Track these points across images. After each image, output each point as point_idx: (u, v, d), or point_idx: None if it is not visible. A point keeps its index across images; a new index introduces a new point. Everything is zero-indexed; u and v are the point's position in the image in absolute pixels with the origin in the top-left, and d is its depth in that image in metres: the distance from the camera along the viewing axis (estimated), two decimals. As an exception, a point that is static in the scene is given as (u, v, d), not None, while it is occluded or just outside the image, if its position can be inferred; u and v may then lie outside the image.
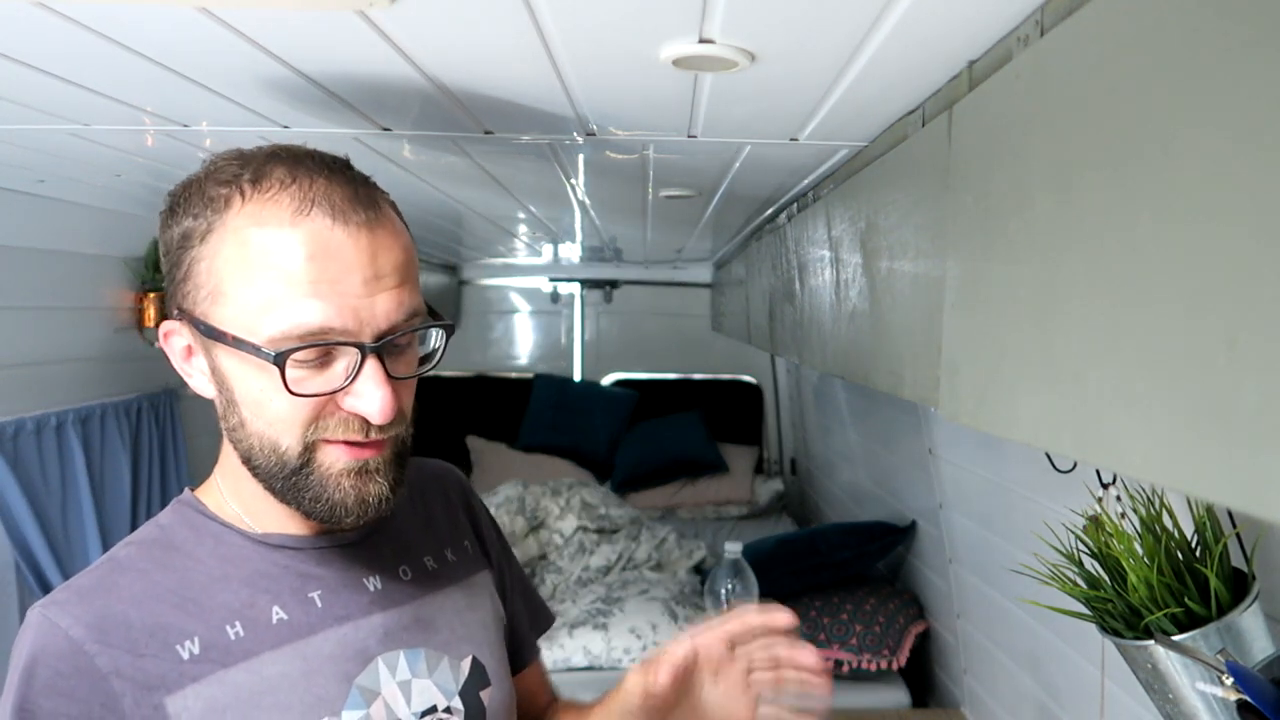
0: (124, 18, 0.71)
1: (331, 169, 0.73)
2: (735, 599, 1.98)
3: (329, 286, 0.69)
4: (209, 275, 0.72)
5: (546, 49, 0.76)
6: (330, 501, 0.74)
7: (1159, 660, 0.87)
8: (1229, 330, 0.40)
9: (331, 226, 0.70)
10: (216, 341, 0.72)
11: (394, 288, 0.73)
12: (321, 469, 0.74)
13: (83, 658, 0.71)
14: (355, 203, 0.72)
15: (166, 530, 0.80)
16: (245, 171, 0.72)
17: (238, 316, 0.71)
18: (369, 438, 0.74)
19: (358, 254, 0.70)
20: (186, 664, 0.73)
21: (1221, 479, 0.41)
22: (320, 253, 0.69)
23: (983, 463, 1.81)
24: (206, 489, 0.83)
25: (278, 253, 0.69)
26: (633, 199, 1.73)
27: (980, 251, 0.71)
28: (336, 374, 0.72)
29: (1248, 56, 0.40)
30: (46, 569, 1.91)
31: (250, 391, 0.73)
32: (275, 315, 0.69)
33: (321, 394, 0.71)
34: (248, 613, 0.77)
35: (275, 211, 0.70)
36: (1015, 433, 0.64)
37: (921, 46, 0.74)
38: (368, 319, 0.71)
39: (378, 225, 0.73)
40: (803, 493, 4.26)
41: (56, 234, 1.91)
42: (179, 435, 2.44)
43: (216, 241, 0.71)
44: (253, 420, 0.74)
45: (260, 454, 0.74)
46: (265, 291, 0.69)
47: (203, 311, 0.73)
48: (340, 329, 0.70)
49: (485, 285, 4.46)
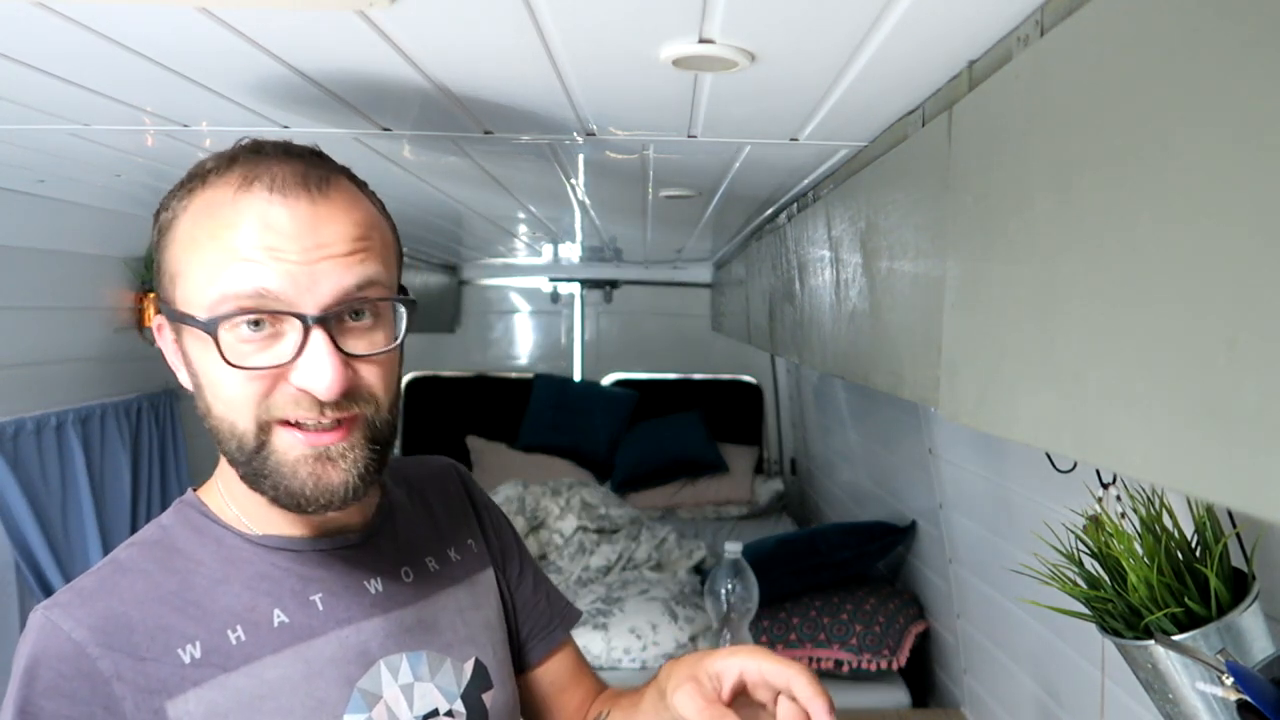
0: (124, 18, 0.71)
1: (289, 153, 0.74)
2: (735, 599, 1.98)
3: (265, 253, 0.69)
4: (171, 260, 0.74)
5: (546, 49, 0.76)
6: (289, 489, 0.72)
7: (1159, 660, 0.87)
8: (1229, 330, 0.40)
9: (270, 199, 0.70)
10: (179, 324, 0.73)
11: (340, 256, 0.71)
12: (277, 454, 0.72)
13: (85, 660, 0.70)
14: (300, 178, 0.71)
15: (169, 531, 0.80)
16: (214, 162, 0.74)
17: (188, 294, 0.72)
18: (324, 417, 0.71)
19: (295, 223, 0.70)
20: (188, 668, 0.73)
21: (1221, 479, 0.41)
22: (258, 223, 0.69)
23: (983, 463, 1.81)
24: (208, 490, 0.83)
25: (219, 226, 0.70)
26: (633, 199, 1.73)
27: (980, 251, 0.71)
28: (284, 349, 0.70)
29: (1248, 56, 0.39)
30: (46, 569, 1.91)
31: (206, 371, 0.72)
32: (214, 285, 0.69)
33: (263, 367, 0.70)
34: (249, 616, 0.77)
35: (222, 190, 0.71)
36: (1015, 433, 0.64)
37: (921, 46, 0.74)
38: (309, 288, 0.69)
39: (322, 198, 0.71)
40: (803, 493, 4.26)
41: (56, 234, 1.91)
42: (179, 435, 2.44)
43: (176, 227, 0.73)
44: (213, 403, 0.73)
45: (224, 439, 0.73)
46: (207, 264, 0.70)
47: (168, 297, 0.74)
48: (277, 294, 0.68)
49: (485, 285, 4.45)
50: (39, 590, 1.90)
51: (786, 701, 0.76)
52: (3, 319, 1.83)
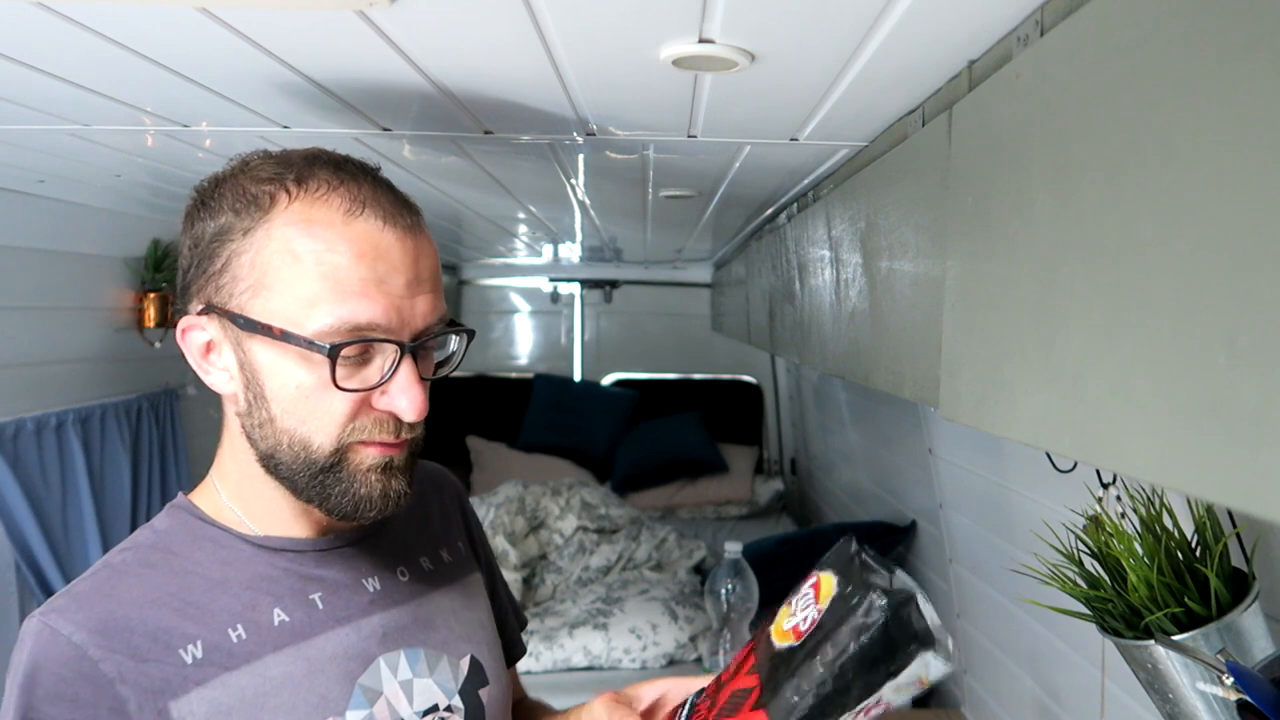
0: (124, 18, 0.71)
1: (374, 176, 0.77)
2: (735, 599, 1.98)
3: (377, 286, 0.72)
4: (251, 269, 0.72)
5: (546, 49, 0.76)
6: (357, 497, 0.75)
7: (1159, 660, 0.87)
8: (1229, 330, 0.40)
9: (382, 229, 0.73)
10: (256, 335, 0.72)
11: (430, 291, 0.76)
12: (350, 467, 0.75)
13: (86, 663, 0.70)
14: (401, 208, 0.75)
15: (163, 535, 0.80)
16: (288, 172, 0.74)
17: (283, 310, 0.71)
18: (399, 437, 0.76)
19: (403, 256, 0.73)
20: (190, 668, 0.73)
21: (1221, 479, 0.41)
22: (370, 252, 0.72)
23: (983, 463, 1.81)
24: (201, 493, 0.83)
25: (329, 250, 0.71)
26: (632, 199, 1.73)
27: (980, 251, 0.71)
28: (373, 372, 0.74)
29: (1247, 56, 0.39)
30: (46, 569, 1.91)
31: (285, 387, 0.73)
32: (323, 309, 0.71)
33: (361, 390, 0.73)
34: (249, 615, 0.77)
35: (326, 211, 0.72)
36: (1015, 433, 0.64)
37: (921, 46, 0.74)
38: (408, 319, 0.74)
39: (419, 231, 0.76)
40: (803, 493, 4.26)
41: (56, 234, 1.91)
42: (179, 435, 2.44)
43: (262, 237, 0.72)
44: (283, 417, 0.74)
45: (287, 451, 0.74)
46: (314, 286, 0.71)
47: (240, 305, 0.73)
48: (385, 327, 0.72)
49: (485, 285, 4.46)
50: (39, 590, 1.90)
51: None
52: (3, 319, 1.83)
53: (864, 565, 0.77)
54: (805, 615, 0.76)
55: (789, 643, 0.75)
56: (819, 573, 0.78)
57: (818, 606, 0.75)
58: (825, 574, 0.77)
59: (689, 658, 2.48)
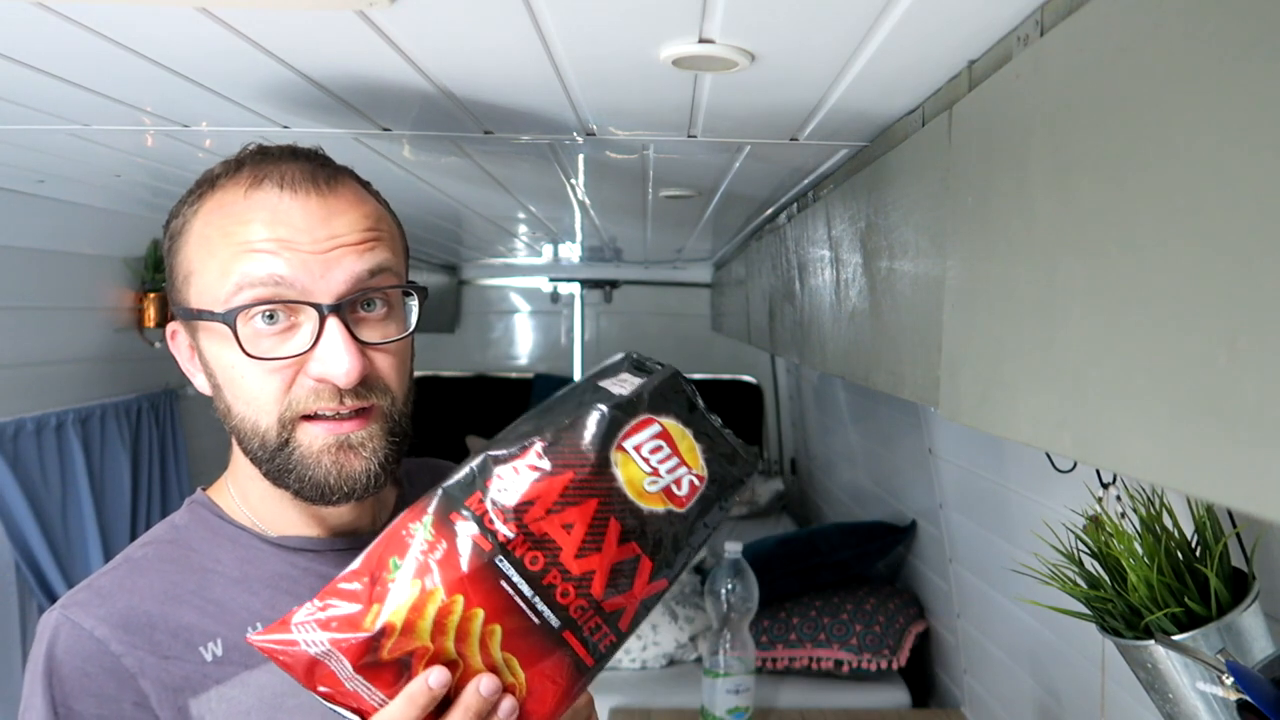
0: (124, 18, 0.71)
1: (295, 154, 0.76)
2: (735, 599, 1.98)
3: (278, 244, 0.71)
4: (184, 262, 0.75)
5: (546, 49, 0.76)
6: (313, 480, 0.73)
7: (1159, 660, 0.87)
8: (1229, 330, 0.40)
9: (280, 194, 0.72)
10: (198, 324, 0.74)
11: (352, 245, 0.73)
12: (301, 448, 0.73)
13: (109, 658, 0.70)
14: (309, 176, 0.74)
15: (183, 531, 0.80)
16: (222, 168, 0.76)
17: (202, 291, 0.73)
18: (344, 406, 0.72)
19: (306, 216, 0.72)
20: (210, 666, 0.73)
21: (1221, 479, 0.41)
22: (269, 218, 0.71)
23: (983, 463, 1.81)
24: (219, 491, 0.83)
25: (231, 224, 0.72)
26: (632, 199, 1.73)
27: (980, 251, 0.71)
28: (301, 340, 0.72)
29: (1248, 56, 0.39)
30: (46, 569, 1.91)
31: (225, 371, 0.74)
32: (228, 277, 0.71)
33: (281, 357, 0.71)
34: (269, 614, 0.77)
35: (233, 193, 0.73)
36: (1015, 433, 0.64)
37: (921, 46, 0.74)
38: (322, 275, 0.71)
39: (331, 194, 0.74)
40: (803, 493, 4.25)
41: (56, 234, 1.91)
42: (179, 435, 2.44)
43: (188, 230, 0.75)
44: (235, 403, 0.74)
45: (246, 438, 0.74)
46: (221, 259, 0.72)
47: (181, 298, 0.75)
48: (291, 281, 0.70)
49: (485, 285, 4.45)
50: (39, 590, 1.90)
51: None
52: (3, 319, 1.83)
53: (705, 413, 0.76)
54: (677, 477, 0.72)
55: (663, 507, 0.70)
56: (660, 420, 0.73)
57: (691, 471, 0.72)
58: (670, 423, 0.73)
59: (689, 658, 2.48)
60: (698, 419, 0.76)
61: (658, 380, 0.75)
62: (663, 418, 0.73)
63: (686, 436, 0.74)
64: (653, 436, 0.72)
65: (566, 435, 0.70)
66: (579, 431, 0.70)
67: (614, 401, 0.71)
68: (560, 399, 0.75)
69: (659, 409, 0.73)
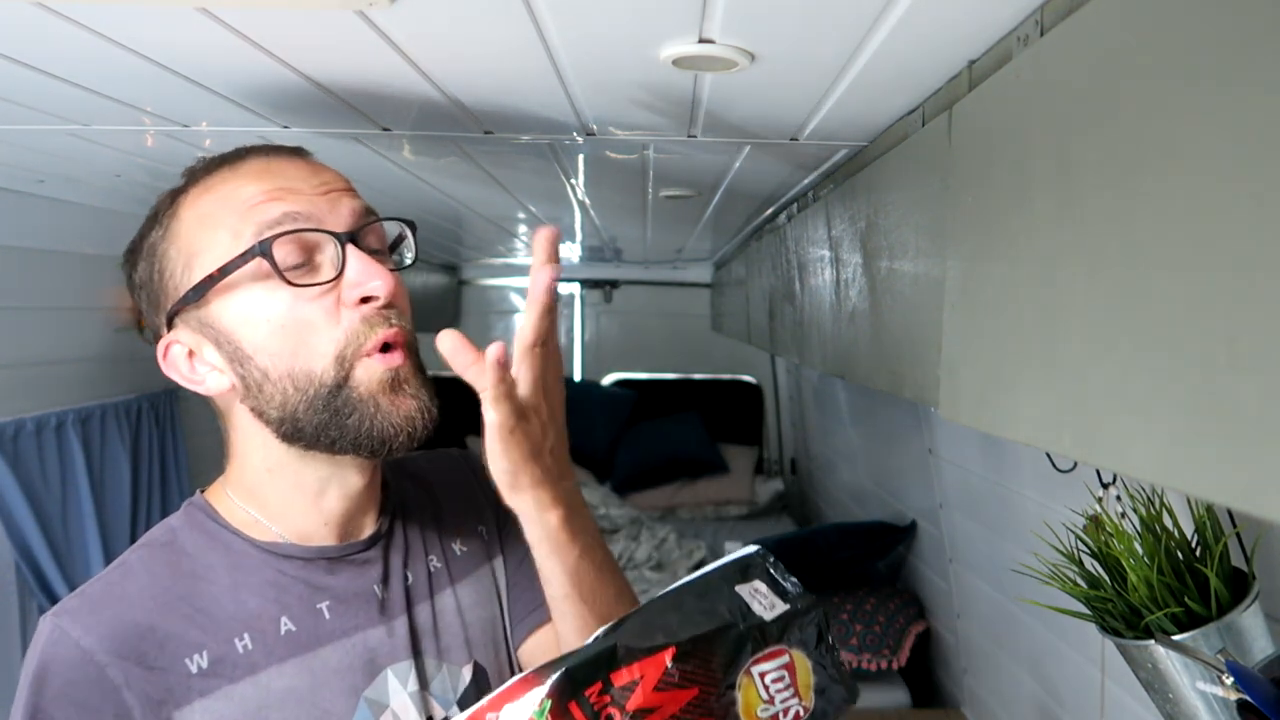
0: (124, 18, 0.71)
1: (275, 147, 0.80)
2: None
3: (282, 191, 0.75)
4: (178, 251, 0.76)
5: (546, 49, 0.76)
6: (375, 426, 0.75)
7: (1159, 660, 0.87)
8: (1229, 330, 0.40)
9: (266, 159, 0.77)
10: (210, 298, 0.75)
11: (344, 190, 0.78)
12: (358, 391, 0.74)
13: (93, 668, 0.70)
14: (288, 149, 0.79)
15: (178, 534, 0.80)
16: (199, 162, 0.79)
17: (218, 257, 0.74)
18: (394, 325, 0.76)
19: (297, 170, 0.77)
20: (195, 678, 0.73)
21: (1221, 479, 0.41)
22: (266, 173, 0.76)
23: (983, 463, 1.81)
24: (216, 494, 0.83)
25: (232, 190, 0.75)
26: (633, 199, 1.73)
27: (980, 251, 0.71)
28: (327, 271, 0.75)
29: (1248, 56, 0.39)
30: (46, 569, 1.91)
31: (259, 330, 0.74)
32: (244, 233, 0.73)
33: (317, 283, 0.73)
34: (256, 624, 0.76)
35: (217, 175, 0.77)
36: (1015, 433, 0.64)
37: (921, 46, 0.74)
38: (330, 212, 0.75)
39: (312, 158, 0.80)
40: (803, 493, 4.26)
41: (56, 234, 1.91)
42: (179, 435, 2.44)
43: (175, 225, 0.77)
44: (275, 364, 0.74)
45: (295, 396, 0.74)
46: (230, 224, 0.74)
47: (183, 285, 0.76)
48: (306, 215, 0.74)
49: (485, 285, 4.45)
50: (39, 590, 1.90)
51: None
52: (3, 319, 1.83)
53: (830, 648, 0.77)
54: (787, 707, 0.74)
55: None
56: (790, 651, 0.76)
57: (800, 702, 0.74)
58: (798, 655, 0.75)
59: (689, 658, 2.48)
60: (822, 651, 0.77)
61: (801, 609, 0.77)
62: (794, 649, 0.76)
63: (807, 668, 0.76)
64: (780, 666, 0.74)
65: (702, 649, 0.70)
66: (715, 649, 0.71)
67: (756, 623, 0.73)
68: (696, 592, 0.75)
69: (793, 639, 0.76)
